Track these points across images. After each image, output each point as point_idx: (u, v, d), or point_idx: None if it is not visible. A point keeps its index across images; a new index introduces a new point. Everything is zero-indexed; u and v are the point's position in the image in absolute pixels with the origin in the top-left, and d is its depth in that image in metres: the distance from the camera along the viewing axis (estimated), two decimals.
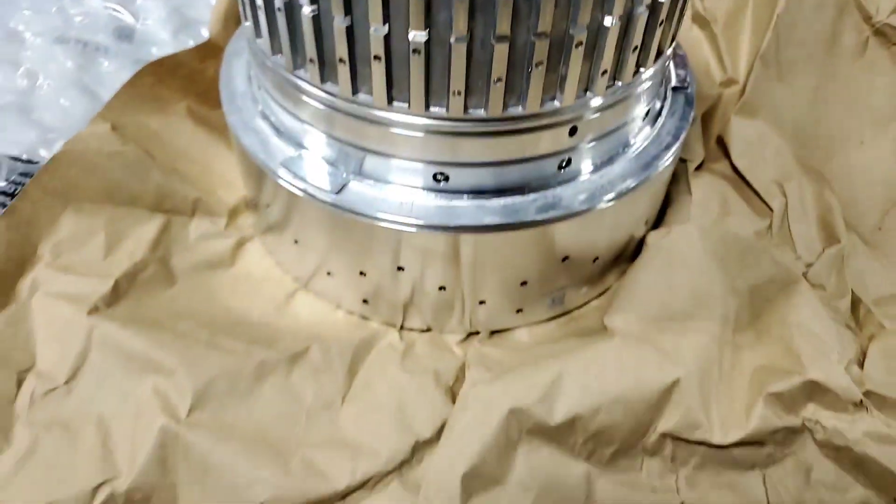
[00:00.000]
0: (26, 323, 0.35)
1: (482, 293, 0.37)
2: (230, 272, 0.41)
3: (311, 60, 0.31)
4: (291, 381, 0.35)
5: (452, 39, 0.28)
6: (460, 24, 0.28)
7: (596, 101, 0.32)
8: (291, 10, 0.30)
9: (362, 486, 0.32)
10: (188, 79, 0.45)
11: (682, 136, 0.38)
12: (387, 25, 0.28)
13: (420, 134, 0.32)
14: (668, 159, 0.37)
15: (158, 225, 0.40)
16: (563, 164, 0.34)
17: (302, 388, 0.34)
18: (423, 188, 0.34)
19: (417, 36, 0.28)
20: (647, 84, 0.35)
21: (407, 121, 0.32)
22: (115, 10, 0.46)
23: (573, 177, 0.35)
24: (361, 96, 0.31)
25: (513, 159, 0.33)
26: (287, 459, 0.32)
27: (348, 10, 0.28)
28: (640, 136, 0.37)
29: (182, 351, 0.34)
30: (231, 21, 0.46)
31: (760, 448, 0.34)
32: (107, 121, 0.41)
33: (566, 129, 0.33)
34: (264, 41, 0.33)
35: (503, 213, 0.34)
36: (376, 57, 0.29)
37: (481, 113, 0.31)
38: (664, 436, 0.34)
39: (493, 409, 0.32)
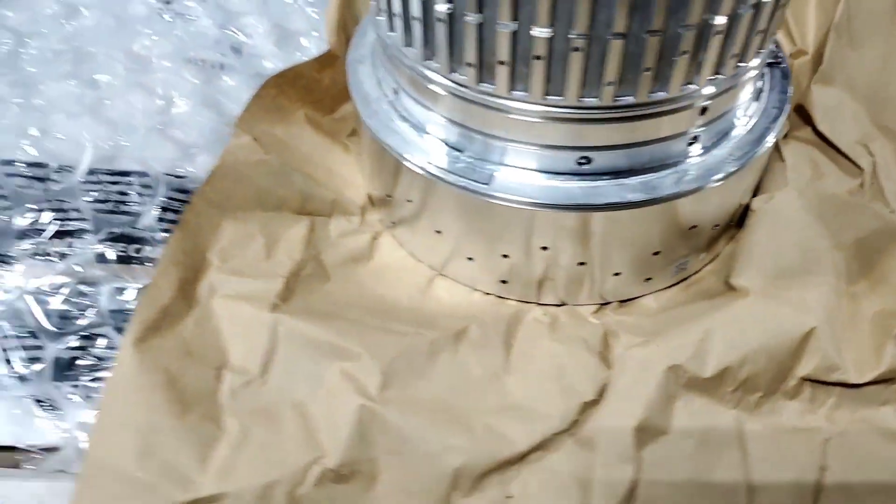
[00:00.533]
0: (211, 323, 0.38)
1: (618, 266, 0.40)
2: (370, 265, 0.44)
3: (470, 64, 0.34)
4: (459, 356, 0.38)
5: (610, 36, 0.31)
6: (620, 23, 0.31)
7: (725, 83, 0.35)
8: (453, 20, 0.33)
9: (540, 446, 0.35)
10: (305, 88, 0.48)
11: (787, 108, 0.41)
12: (551, 28, 0.31)
13: (569, 123, 0.35)
14: (775, 130, 0.41)
15: (305, 226, 0.43)
16: (691, 141, 0.38)
17: (469, 363, 0.38)
18: (568, 172, 0.37)
19: (580, 36, 0.31)
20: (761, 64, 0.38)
21: (558, 113, 0.35)
22: (225, 28, 0.49)
23: (699, 152, 0.38)
24: (516, 93, 0.35)
25: (649, 140, 0.37)
26: (470, 426, 0.35)
27: (514, 16, 0.32)
28: (750, 110, 0.41)
29: (361, 337, 0.37)
30: (342, 31, 0.49)
31: (890, 384, 0.37)
32: (245, 133, 0.44)
33: (698, 109, 0.36)
34: (416, 49, 0.36)
35: (643, 189, 0.37)
36: (537, 57, 0.33)
37: (630, 100, 0.34)
38: (803, 380, 0.37)
39: (651, 368, 0.36)
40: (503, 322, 0.40)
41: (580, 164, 0.37)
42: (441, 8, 0.33)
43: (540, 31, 0.31)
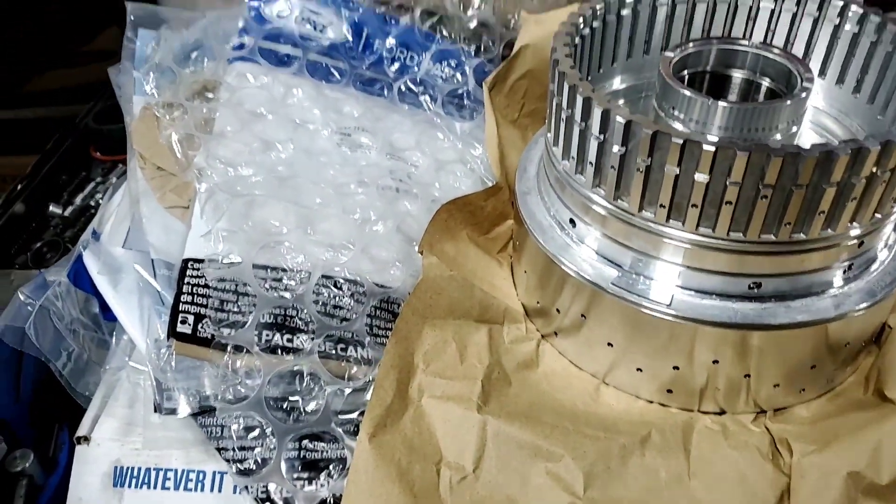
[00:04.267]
0: (425, 421, 0.43)
1: (778, 377, 0.45)
2: (539, 371, 0.49)
3: (662, 205, 0.41)
4: (646, 460, 0.42)
5: (793, 187, 0.37)
6: (804, 177, 0.37)
7: (882, 222, 0.41)
8: (650, 171, 0.40)
9: None
10: (470, 213, 0.55)
11: None
12: (745, 182, 0.38)
13: (746, 255, 0.41)
14: None
15: (485, 333, 0.48)
16: (846, 269, 0.43)
17: (655, 466, 0.42)
18: (740, 295, 0.42)
19: (768, 186, 0.37)
20: None
21: (738, 246, 0.40)
22: (394, 158, 0.57)
23: (854, 278, 0.44)
24: (702, 229, 0.41)
25: (812, 269, 0.42)
26: None
27: (711, 169, 0.38)
28: (891, 239, 0.46)
29: (560, 439, 0.42)
30: (502, 165, 0.57)
31: None
32: (430, 252, 0.50)
33: (857, 242, 0.42)
34: (607, 190, 0.43)
35: (808, 312, 0.42)
36: (728, 202, 0.39)
37: (802, 237, 0.40)
38: None
39: (831, 474, 0.40)
40: (678, 429, 0.44)
41: (750, 288, 0.42)
42: (641, 163, 0.40)
43: (735, 183, 0.38)
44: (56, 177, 0.89)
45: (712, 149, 0.37)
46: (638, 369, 0.47)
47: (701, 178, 0.38)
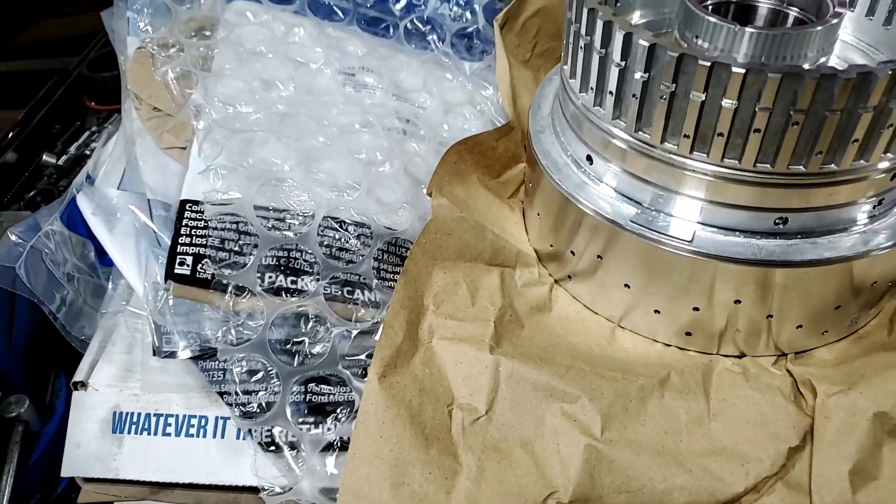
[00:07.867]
0: (435, 363, 0.41)
1: (801, 318, 0.43)
2: (552, 315, 0.47)
3: (686, 136, 0.39)
4: (665, 401, 0.41)
5: (826, 112, 0.35)
6: (840, 102, 0.35)
7: None
8: (674, 98, 0.38)
9: (755, 489, 0.38)
10: (481, 154, 0.53)
11: None
12: (776, 107, 0.35)
13: (772, 188, 0.39)
14: None
15: (497, 276, 0.47)
16: (876, 204, 0.41)
17: (675, 407, 0.40)
18: (765, 231, 0.41)
19: (799, 114, 0.35)
20: None
21: (764, 178, 0.38)
22: (400, 99, 0.55)
23: (882, 215, 0.42)
24: (727, 160, 0.39)
25: (840, 203, 0.40)
26: (688, 468, 0.38)
27: (739, 94, 0.36)
28: None
29: (577, 380, 0.40)
30: (515, 105, 0.54)
31: None
32: (439, 194, 0.48)
33: (888, 175, 0.40)
34: (628, 122, 0.41)
35: (835, 248, 0.40)
36: (756, 130, 0.37)
37: (832, 167, 0.38)
38: None
39: (858, 414, 0.38)
40: (698, 371, 0.42)
41: (776, 224, 0.40)
42: (665, 89, 0.37)
43: (765, 108, 0.36)
44: (49, 125, 0.86)
45: (742, 71, 0.35)
46: (655, 311, 0.45)
47: (728, 104, 0.36)
